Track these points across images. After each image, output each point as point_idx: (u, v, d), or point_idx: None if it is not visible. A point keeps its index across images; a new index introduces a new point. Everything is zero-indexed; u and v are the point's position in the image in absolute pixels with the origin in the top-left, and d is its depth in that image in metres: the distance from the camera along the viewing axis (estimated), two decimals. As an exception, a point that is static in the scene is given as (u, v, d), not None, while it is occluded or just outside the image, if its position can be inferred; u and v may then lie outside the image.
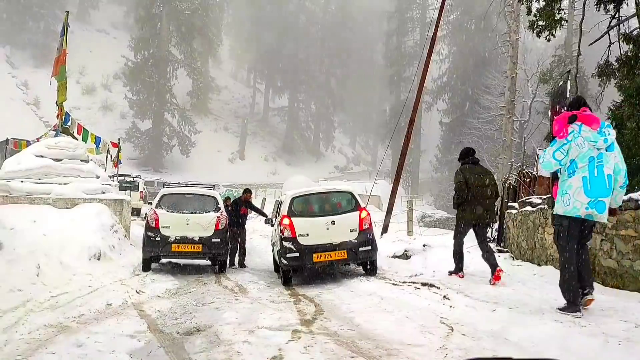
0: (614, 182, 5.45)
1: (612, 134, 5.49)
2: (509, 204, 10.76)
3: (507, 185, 11.82)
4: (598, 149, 5.41)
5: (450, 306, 6.41)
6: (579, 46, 12.45)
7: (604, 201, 5.36)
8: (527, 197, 9.98)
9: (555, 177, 5.97)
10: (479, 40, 51.63)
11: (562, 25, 12.31)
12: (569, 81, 10.88)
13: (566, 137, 5.50)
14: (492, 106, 36.31)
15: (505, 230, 10.54)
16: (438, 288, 7.49)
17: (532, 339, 4.88)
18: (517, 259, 9.36)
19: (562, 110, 6.71)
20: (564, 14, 12.66)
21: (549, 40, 12.32)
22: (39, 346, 5.13)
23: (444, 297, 6.89)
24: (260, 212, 14.32)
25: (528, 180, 11.62)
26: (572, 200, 5.43)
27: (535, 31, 12.00)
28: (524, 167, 12.20)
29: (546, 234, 8.18)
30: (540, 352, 4.49)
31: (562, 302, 5.55)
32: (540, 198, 8.89)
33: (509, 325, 5.30)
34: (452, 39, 57.17)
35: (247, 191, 13.33)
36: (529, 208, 9.04)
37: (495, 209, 8.38)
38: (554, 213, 5.80)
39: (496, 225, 11.09)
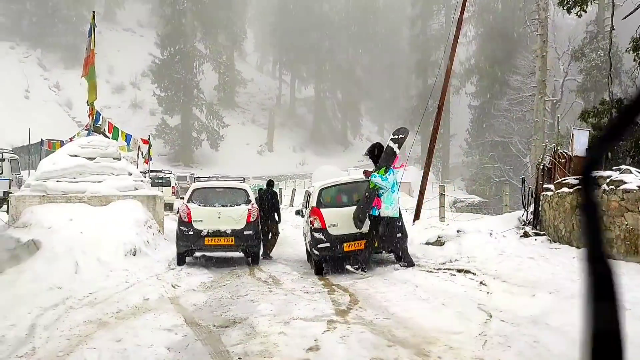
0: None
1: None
2: (544, 185, 10.47)
3: (541, 166, 11.50)
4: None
5: (488, 292, 6.30)
6: (611, 20, 11.99)
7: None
8: (563, 178, 9.71)
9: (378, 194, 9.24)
10: (507, 20, 50.36)
11: (594, 0, 11.91)
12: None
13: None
14: (522, 87, 35.48)
15: (541, 213, 10.28)
16: (474, 274, 7.36)
17: (574, 324, 4.73)
18: (555, 242, 9.12)
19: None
20: (596, -13, 12.25)
21: (579, 16, 11.92)
22: (79, 342, 5.23)
23: (481, 283, 6.77)
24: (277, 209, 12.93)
25: (563, 161, 11.30)
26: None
27: (565, 7, 11.63)
28: (559, 148, 11.82)
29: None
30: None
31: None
32: (577, 178, 8.61)
33: (549, 311, 5.17)
34: (479, 20, 55.93)
35: (269, 183, 13.32)
36: (565, 189, 8.78)
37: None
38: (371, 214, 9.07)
39: (531, 208, 10.83)
